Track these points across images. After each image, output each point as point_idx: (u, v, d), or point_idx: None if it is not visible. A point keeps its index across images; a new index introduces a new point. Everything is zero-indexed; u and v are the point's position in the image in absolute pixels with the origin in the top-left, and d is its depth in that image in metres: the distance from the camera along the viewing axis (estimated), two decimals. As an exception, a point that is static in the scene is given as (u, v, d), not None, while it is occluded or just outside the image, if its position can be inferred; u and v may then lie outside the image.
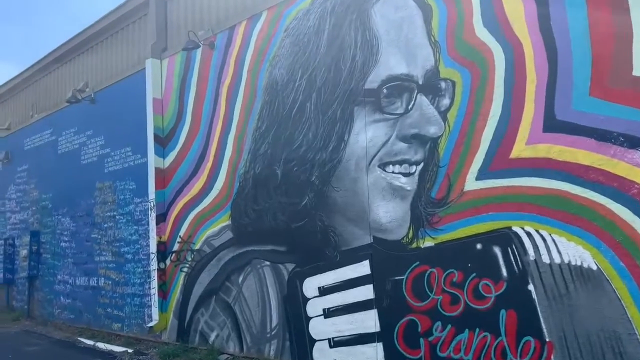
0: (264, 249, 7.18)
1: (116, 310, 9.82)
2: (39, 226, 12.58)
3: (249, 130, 7.57)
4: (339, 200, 6.30)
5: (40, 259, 12.40)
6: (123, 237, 9.81)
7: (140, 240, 9.37)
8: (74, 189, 11.36)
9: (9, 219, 13.97)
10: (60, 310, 11.45)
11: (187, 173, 8.59)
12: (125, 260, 9.69)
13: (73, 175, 11.44)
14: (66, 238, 11.48)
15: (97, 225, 10.55)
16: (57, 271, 11.71)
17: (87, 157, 11.09)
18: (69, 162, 11.65)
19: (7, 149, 14.24)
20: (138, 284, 9.34)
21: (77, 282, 10.98)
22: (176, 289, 8.56)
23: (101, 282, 10.28)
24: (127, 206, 9.78)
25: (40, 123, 12.90)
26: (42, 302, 12.17)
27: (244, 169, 7.59)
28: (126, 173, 9.90)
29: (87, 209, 10.91)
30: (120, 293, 9.74)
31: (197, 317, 8.11)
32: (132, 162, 9.79)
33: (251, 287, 7.29)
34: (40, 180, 12.70)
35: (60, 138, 12.05)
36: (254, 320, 7.22)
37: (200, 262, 8.16)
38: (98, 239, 10.48)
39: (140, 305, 9.24)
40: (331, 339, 6.25)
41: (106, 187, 10.42)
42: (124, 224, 9.84)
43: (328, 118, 6.49)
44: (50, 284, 11.92)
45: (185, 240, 8.47)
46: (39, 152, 12.88)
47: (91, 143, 11.01)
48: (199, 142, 8.41)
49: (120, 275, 9.79)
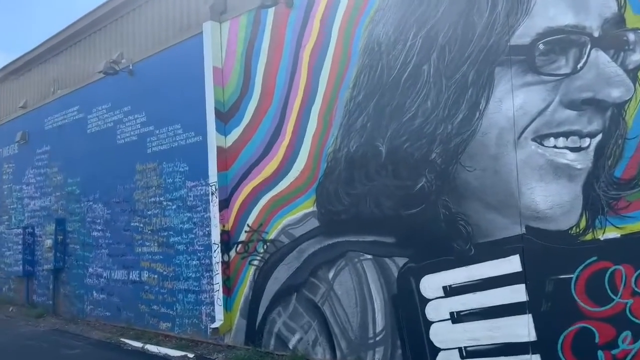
0: (363, 240, 6.11)
1: (164, 308, 8.72)
2: (64, 213, 11.41)
3: (341, 101, 6.46)
4: (472, 183, 5.23)
5: (67, 249, 11.24)
6: (172, 225, 8.68)
7: (195, 229, 8.26)
8: (108, 173, 10.19)
9: (28, 205, 12.77)
10: (93, 307, 10.33)
11: (256, 153, 7.47)
12: (176, 252, 8.57)
13: (107, 157, 10.26)
14: (99, 227, 10.33)
15: (139, 212, 9.41)
16: (87, 263, 10.58)
17: (124, 136, 9.91)
18: (101, 142, 10.47)
19: (24, 129, 12.98)
20: (193, 279, 8.24)
21: (114, 275, 9.87)
22: (243, 284, 7.47)
23: (144, 276, 9.17)
24: (178, 191, 8.65)
25: (65, 100, 11.66)
26: (69, 297, 11.05)
27: (334, 147, 6.49)
28: (175, 153, 8.76)
29: (125, 195, 9.76)
30: (169, 289, 8.65)
31: (272, 318, 7.04)
32: (183, 141, 8.64)
33: (346, 284, 6.23)
34: (65, 163, 11.49)
35: (90, 116, 10.84)
36: (351, 323, 6.17)
37: (275, 254, 7.08)
38: (140, 228, 9.35)
39: (196, 302, 8.15)
40: (463, 348, 5.21)
41: (149, 170, 9.27)
42: (173, 210, 8.71)
43: (455, 83, 5.40)
44: (79, 278, 10.78)
45: (255, 229, 7.38)
46: (63, 132, 11.66)
47: (129, 121, 9.83)
48: (272, 117, 7.29)
49: (169, 269, 8.69)
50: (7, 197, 13.66)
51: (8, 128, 13.83)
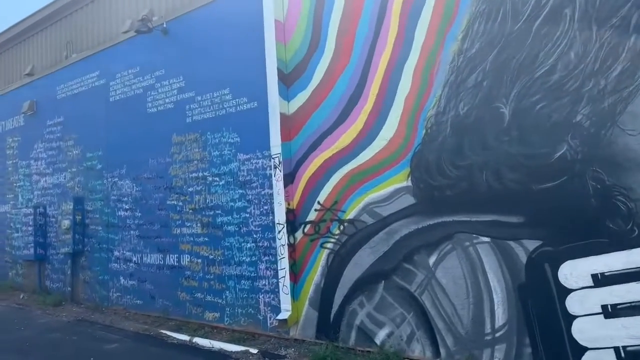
0: (478, 219, 5.19)
1: (211, 296, 7.75)
2: (82, 191, 10.29)
3: (445, 55, 5.48)
4: (636, 149, 4.32)
5: (86, 231, 10.15)
6: (220, 203, 7.67)
7: (250, 208, 7.27)
8: (136, 145, 9.09)
9: (37, 183, 11.59)
10: (120, 294, 9.31)
11: (328, 120, 6.47)
12: (225, 233, 7.58)
13: (135, 128, 9.16)
14: (126, 205, 9.26)
15: (177, 189, 8.36)
16: (113, 246, 9.52)
17: (156, 104, 8.80)
18: (127, 111, 9.34)
19: (32, 99, 11.73)
20: (247, 263, 7.27)
21: (146, 259, 8.84)
22: (313, 270, 6.53)
23: (185, 260, 8.17)
24: (227, 164, 7.62)
25: (81, 64, 10.45)
26: (90, 283, 10.00)
27: (436, 110, 5.52)
28: (223, 122, 7.71)
29: (159, 170, 8.69)
30: (217, 274, 7.67)
31: (352, 309, 6.13)
32: (233, 108, 7.59)
33: (453, 271, 5.32)
34: (83, 136, 10.34)
35: (113, 82, 9.68)
36: (459, 317, 5.27)
37: (355, 236, 6.14)
38: (178, 207, 8.32)
39: (252, 290, 7.20)
40: (621, 347, 4.35)
41: (189, 141, 8.20)
42: (221, 187, 7.69)
43: (612, 28, 4.44)
44: (102, 262, 9.73)
45: (327, 208, 6.41)
46: (79, 101, 10.48)
47: (163, 87, 8.71)
48: (350, 77, 6.28)
49: (216, 252, 7.70)
50: (12, 174, 12.45)
51: (12, 98, 12.56)
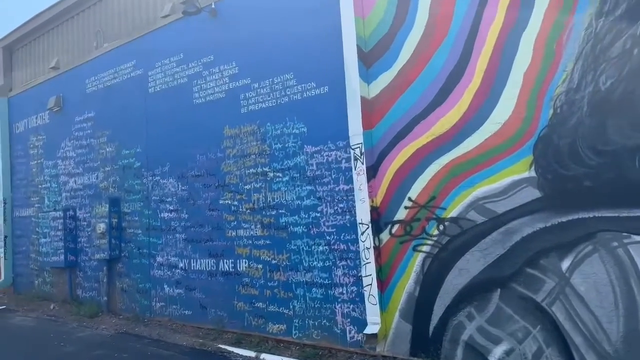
0: (629, 215, 4.32)
1: (274, 306, 6.91)
2: (118, 192, 9.47)
3: (578, 21, 4.61)
4: None
5: (123, 235, 9.34)
6: (284, 202, 6.83)
7: (321, 206, 6.43)
8: (181, 140, 8.27)
9: (66, 184, 10.78)
10: (164, 304, 8.48)
11: (420, 103, 5.63)
12: (291, 235, 6.74)
13: (179, 121, 8.33)
14: (171, 206, 8.43)
15: (231, 187, 7.53)
16: (155, 251, 8.69)
17: (204, 94, 7.97)
18: (169, 103, 8.52)
19: (58, 94, 10.93)
20: (319, 269, 6.43)
21: (195, 265, 8.01)
22: (405, 277, 5.68)
23: (242, 266, 7.33)
24: (291, 158, 6.78)
25: (114, 54, 9.64)
26: (129, 292, 9.17)
27: (567, 86, 4.67)
28: (286, 111, 6.87)
29: (208, 166, 7.86)
30: (282, 281, 6.83)
31: (458, 321, 5.27)
32: (298, 94, 6.75)
33: (595, 277, 4.46)
34: (117, 132, 9.52)
35: (152, 72, 8.85)
36: (606, 331, 4.41)
37: (459, 237, 5.29)
38: (233, 207, 7.48)
39: (326, 299, 6.35)
40: None
41: (245, 134, 7.37)
42: (285, 183, 6.85)
43: None
44: (143, 269, 8.90)
45: (422, 205, 5.56)
46: (112, 94, 9.67)
47: (212, 74, 7.88)
48: (448, 53, 5.43)
49: (280, 256, 6.86)
50: (37, 174, 11.65)
51: (35, 93, 11.77)
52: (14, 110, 12.51)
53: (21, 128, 12.26)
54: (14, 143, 12.51)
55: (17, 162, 12.40)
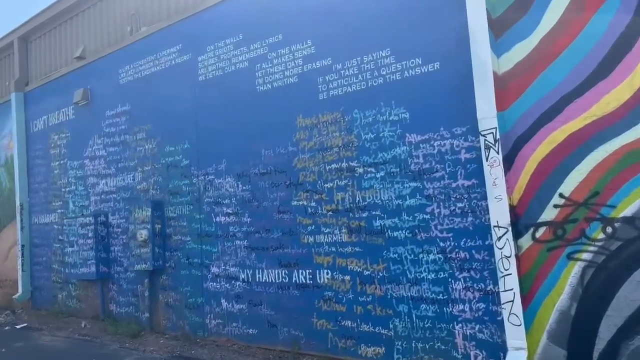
0: None
1: (368, 325, 5.84)
2: (161, 194, 8.37)
3: None
4: None
5: (167, 243, 8.24)
6: (379, 201, 5.79)
7: (432, 206, 5.39)
8: (241, 133, 7.21)
9: (95, 186, 9.66)
10: (222, 322, 7.38)
11: (573, 77, 4.61)
12: (390, 241, 5.69)
13: (238, 112, 7.28)
14: (228, 209, 7.35)
15: (306, 185, 6.48)
16: (209, 261, 7.60)
17: (270, 79, 6.92)
18: (225, 91, 7.46)
19: (85, 86, 9.82)
20: (430, 282, 5.37)
21: (261, 276, 6.93)
22: (555, 291, 4.64)
23: (323, 277, 6.26)
24: (389, 150, 5.75)
25: (154, 39, 8.57)
26: (175, 308, 8.06)
27: None
28: (380, 95, 5.84)
29: (276, 162, 6.80)
30: (377, 296, 5.77)
31: (635, 346, 4.23)
32: (397, 74, 5.73)
33: None
34: (159, 126, 8.43)
35: (203, 57, 7.79)
36: None
37: (636, 241, 4.25)
38: (310, 208, 6.43)
39: (440, 317, 5.30)
40: None
41: (325, 124, 6.33)
42: (380, 180, 5.80)
43: None
44: (193, 281, 7.80)
45: (580, 202, 4.53)
46: (152, 84, 8.59)
47: (280, 56, 6.84)
48: (613, 15, 4.42)
49: (375, 266, 5.80)
50: (60, 176, 10.52)
51: (56, 87, 10.66)
52: (31, 107, 11.39)
53: (40, 126, 11.13)
54: (31, 142, 11.37)
55: (35, 164, 11.26)
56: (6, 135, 12.24)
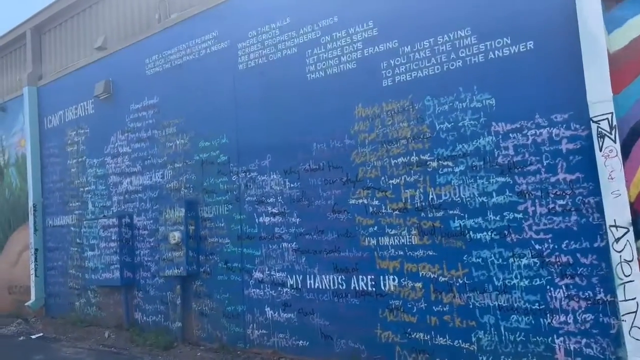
0: None
1: (445, 337, 5.21)
2: (193, 193, 7.72)
3: None
4: None
5: (202, 245, 7.58)
6: (458, 199, 5.18)
7: (525, 204, 4.79)
8: (289, 126, 6.60)
9: (117, 185, 8.99)
10: (266, 332, 6.72)
11: None
12: (472, 244, 5.07)
13: (285, 102, 6.66)
14: (274, 209, 6.71)
15: (367, 182, 5.85)
16: (251, 265, 6.94)
17: (324, 65, 6.31)
18: (270, 80, 6.84)
19: (107, 78, 9.16)
20: (523, 289, 4.76)
21: (313, 282, 6.29)
22: (686, 300, 4.02)
23: (388, 284, 5.63)
24: (470, 140, 5.14)
25: (188, 26, 7.94)
26: (211, 316, 7.40)
27: None
28: (458, 79, 5.25)
29: (331, 157, 6.18)
30: (457, 305, 5.14)
31: None
32: (480, 55, 5.14)
33: None
34: (192, 120, 7.79)
35: (244, 43, 7.16)
36: None
37: None
38: (372, 207, 5.80)
39: (536, 330, 4.68)
40: None
41: (390, 113, 5.72)
42: (458, 175, 5.19)
43: None
44: (232, 287, 7.15)
45: None
46: (184, 74, 7.95)
47: (336, 40, 6.23)
48: None
49: (453, 272, 5.18)
50: (78, 175, 9.84)
51: (74, 80, 10.00)
52: (45, 102, 10.71)
53: (55, 122, 10.45)
54: (45, 140, 10.70)
55: (49, 162, 10.58)
56: (17, 133, 11.55)
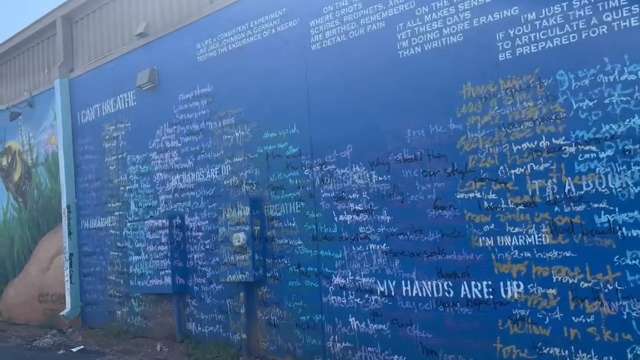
0: None
1: (591, 354, 4.40)
2: (257, 189, 6.95)
3: None
4: None
5: (269, 247, 6.81)
6: (607, 190, 4.38)
7: (701, 194, 3.96)
8: (375, 111, 5.82)
9: (165, 183, 8.23)
10: (351, 345, 5.93)
11: None
12: (624, 243, 4.28)
13: (370, 84, 5.89)
14: (358, 205, 5.93)
15: (480, 172, 5.06)
16: (330, 269, 6.16)
17: (421, 40, 5.52)
18: (351, 60, 6.07)
19: (151, 66, 8.40)
20: (701, 297, 3.94)
21: (410, 289, 5.49)
22: None
23: (511, 291, 4.83)
24: (621, 120, 4.36)
25: (247, 5, 7.18)
26: (281, 327, 6.63)
27: None
28: (602, 48, 4.47)
29: (431, 144, 5.39)
30: (605, 315, 4.33)
31: None
32: (631, 20, 4.32)
33: None
34: (255, 109, 7.01)
35: (317, 20, 6.39)
36: None
37: None
38: (488, 202, 5.00)
39: None
40: None
41: (510, 91, 4.92)
42: (605, 161, 4.41)
43: None
44: (307, 294, 6.37)
45: None
46: (243, 59, 7.18)
47: (435, 11, 5.45)
48: None
49: (600, 277, 4.38)
50: (117, 173, 9.08)
51: (112, 71, 9.27)
52: (78, 95, 9.98)
53: (90, 116, 9.70)
54: (79, 136, 9.96)
55: (83, 160, 9.84)
56: (46, 129, 10.81)
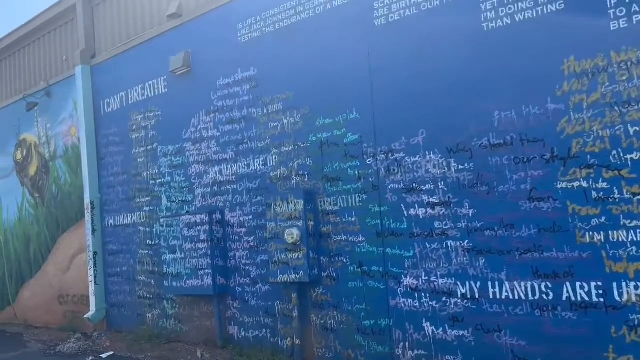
0: None
1: None
2: (309, 182, 6.33)
3: None
4: None
5: (324, 244, 6.20)
6: None
7: None
8: (451, 91, 5.21)
9: (202, 176, 7.62)
10: (426, 354, 5.34)
11: None
12: None
13: (445, 62, 5.29)
14: (432, 198, 5.32)
15: (587, 158, 4.45)
16: (399, 269, 5.56)
17: (510, 10, 4.91)
18: (422, 36, 5.46)
19: (186, 49, 7.77)
20: None
21: (499, 291, 4.89)
22: None
23: (627, 293, 4.23)
24: None
25: (295, -21, 6.54)
26: (340, 332, 6.03)
27: None
28: None
29: (524, 128, 4.79)
30: None
31: None
32: None
33: None
34: (306, 93, 6.39)
35: None
36: None
37: None
38: (597, 192, 4.40)
39: None
40: None
41: (622, 64, 4.34)
42: None
43: None
44: (372, 296, 5.77)
45: None
46: (292, 38, 6.57)
47: (529, -26, 4.81)
48: None
49: None
50: (147, 166, 8.47)
51: (140, 55, 8.65)
52: (102, 82, 9.35)
53: (115, 105, 9.08)
54: (102, 126, 9.34)
55: (108, 152, 9.22)
56: (65, 120, 10.19)
